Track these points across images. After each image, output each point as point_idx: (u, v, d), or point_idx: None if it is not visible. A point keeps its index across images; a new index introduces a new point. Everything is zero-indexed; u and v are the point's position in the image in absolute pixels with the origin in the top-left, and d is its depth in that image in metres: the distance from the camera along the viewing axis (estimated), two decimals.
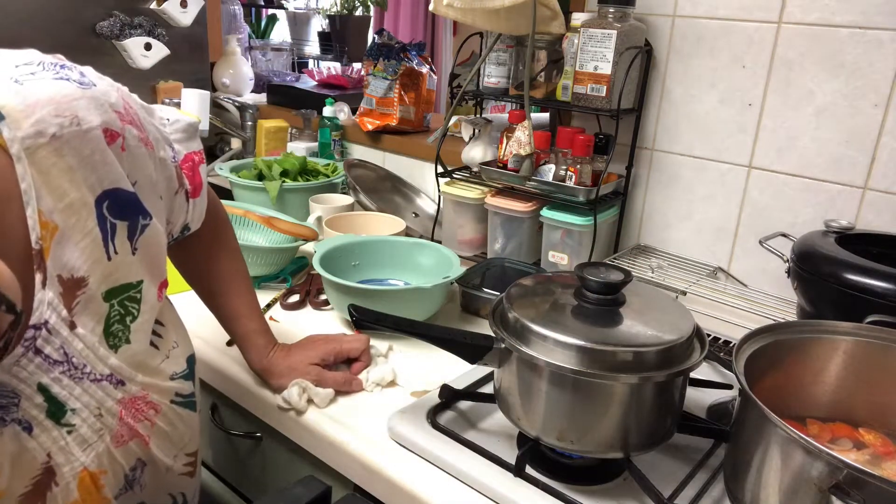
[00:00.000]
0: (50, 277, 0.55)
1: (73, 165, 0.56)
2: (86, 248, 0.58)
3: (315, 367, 0.89)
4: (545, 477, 0.73)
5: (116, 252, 0.61)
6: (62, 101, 0.55)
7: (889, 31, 1.00)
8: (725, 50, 1.15)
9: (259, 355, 0.90)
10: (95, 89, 0.59)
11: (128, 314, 0.63)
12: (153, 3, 1.76)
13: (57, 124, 0.54)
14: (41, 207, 0.54)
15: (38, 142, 0.53)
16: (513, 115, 1.25)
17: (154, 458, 0.69)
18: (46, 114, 0.54)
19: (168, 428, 0.69)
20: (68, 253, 0.56)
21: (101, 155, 0.58)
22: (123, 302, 0.62)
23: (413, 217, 1.57)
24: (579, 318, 0.72)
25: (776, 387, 0.71)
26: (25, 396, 0.56)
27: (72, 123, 0.55)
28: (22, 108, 0.53)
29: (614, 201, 1.26)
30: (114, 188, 0.59)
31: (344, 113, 1.84)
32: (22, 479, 0.56)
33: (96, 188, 0.58)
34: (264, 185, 1.45)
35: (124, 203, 0.61)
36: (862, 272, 0.80)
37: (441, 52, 3.80)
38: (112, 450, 0.63)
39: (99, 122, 0.58)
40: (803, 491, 0.56)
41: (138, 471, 0.67)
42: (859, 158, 1.06)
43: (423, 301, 1.06)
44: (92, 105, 0.58)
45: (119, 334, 0.62)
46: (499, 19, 1.14)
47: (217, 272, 0.88)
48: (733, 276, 1.22)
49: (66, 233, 0.56)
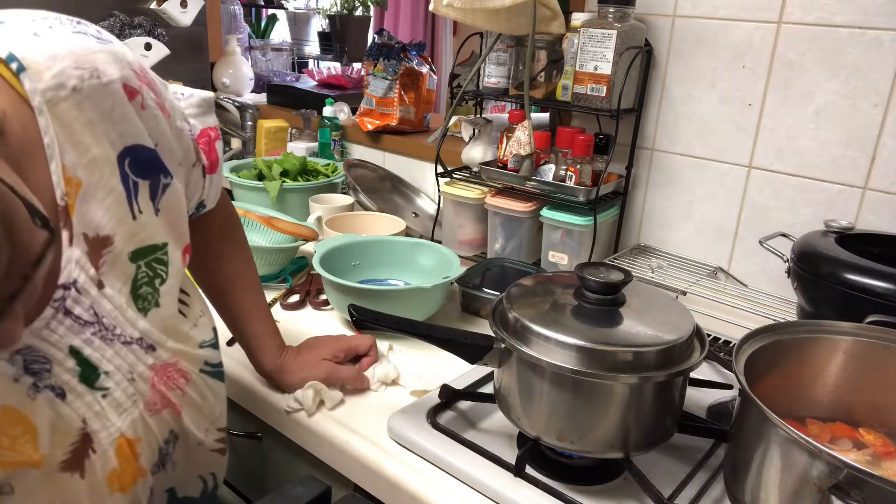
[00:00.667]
0: (76, 235, 0.54)
1: (93, 119, 0.54)
2: (110, 206, 0.56)
3: (327, 363, 0.89)
4: (545, 477, 0.73)
5: (141, 212, 0.59)
6: (81, 54, 0.54)
7: (889, 31, 1.00)
8: (725, 50, 1.15)
9: (271, 357, 0.89)
10: (113, 45, 0.58)
11: (156, 276, 0.62)
12: (153, 3, 1.76)
13: (77, 76, 0.53)
14: (65, 162, 0.53)
15: (59, 94, 0.52)
16: (513, 115, 1.25)
17: (186, 430, 0.68)
18: (66, 66, 0.53)
19: (199, 399, 0.68)
20: (93, 210, 0.55)
21: (121, 110, 0.57)
22: (151, 264, 0.61)
23: (413, 217, 1.57)
24: (579, 319, 0.72)
25: (776, 387, 0.71)
26: (57, 361, 0.54)
27: (92, 76, 0.54)
28: (43, 61, 0.52)
29: (614, 201, 1.26)
30: (135, 144, 0.58)
31: (344, 113, 1.84)
32: (61, 447, 0.55)
33: (118, 144, 0.57)
34: (264, 185, 1.45)
35: (146, 161, 0.60)
36: (862, 272, 0.80)
37: (441, 52, 3.80)
38: (146, 418, 0.62)
39: (118, 75, 0.57)
40: (803, 491, 0.56)
41: (171, 445, 0.66)
42: (859, 158, 1.06)
43: (423, 301, 1.06)
44: (111, 59, 0.57)
45: (148, 297, 0.61)
46: (499, 19, 1.14)
47: (229, 271, 0.87)
48: (733, 276, 1.22)
49: (90, 189, 0.55)
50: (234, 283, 0.88)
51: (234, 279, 0.88)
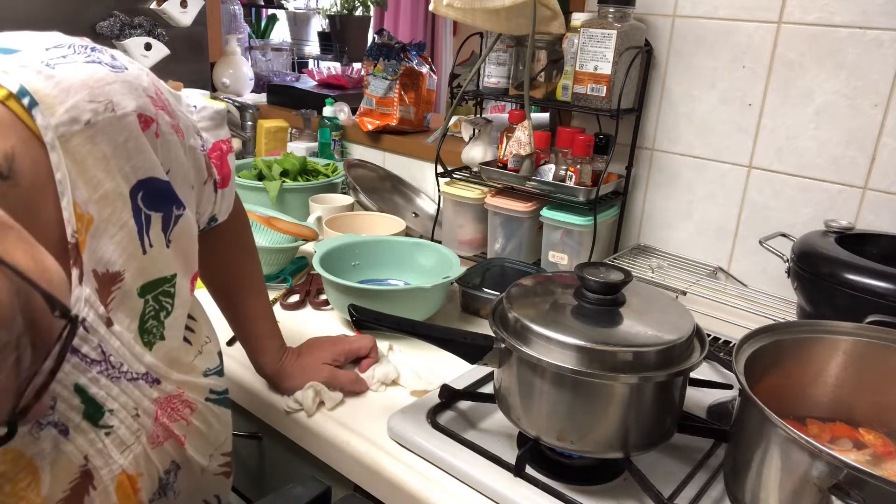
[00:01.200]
0: (86, 272, 0.53)
1: (107, 154, 0.53)
2: (121, 241, 0.55)
3: (327, 367, 0.89)
4: (545, 477, 0.73)
5: (151, 245, 0.58)
6: (96, 86, 0.53)
7: (889, 31, 1.00)
8: (725, 50, 1.15)
9: (273, 358, 0.89)
10: (128, 73, 0.56)
11: (162, 309, 0.61)
12: (153, 3, 1.76)
13: (91, 110, 0.52)
14: (76, 199, 0.51)
15: (72, 129, 0.51)
16: (513, 115, 1.24)
17: (189, 458, 0.67)
18: (80, 99, 0.51)
19: (204, 427, 0.68)
20: (103, 246, 0.54)
21: (135, 142, 0.55)
22: (158, 297, 0.60)
23: (413, 217, 1.57)
24: (579, 318, 0.72)
25: (776, 387, 0.71)
26: (62, 398, 0.53)
27: (106, 109, 0.53)
28: (56, 94, 0.50)
29: (614, 201, 1.26)
30: (148, 177, 0.57)
31: (344, 113, 1.83)
32: (60, 484, 0.54)
33: (131, 178, 0.56)
34: (264, 185, 1.45)
35: (159, 193, 0.59)
36: (862, 272, 0.80)
37: (441, 52, 3.80)
38: (148, 451, 0.61)
39: (133, 107, 0.55)
40: (803, 491, 0.56)
41: (172, 475, 0.66)
42: (859, 158, 1.06)
43: (423, 301, 1.06)
44: (126, 89, 0.55)
45: (153, 331, 0.60)
46: (499, 19, 1.14)
47: (237, 270, 0.87)
48: (733, 276, 1.22)
49: (101, 225, 0.54)
50: (240, 283, 0.87)
51: (239, 280, 0.87)
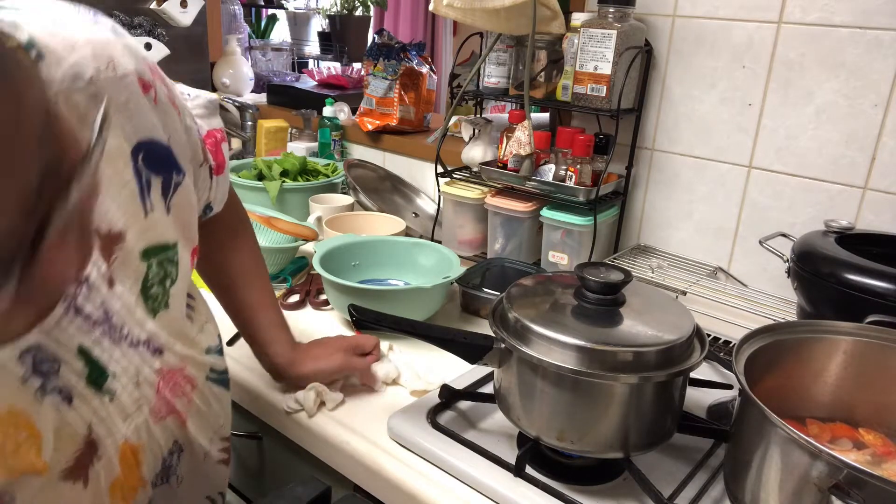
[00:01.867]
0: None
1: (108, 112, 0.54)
2: (123, 200, 0.55)
3: (341, 354, 0.89)
4: (545, 477, 0.73)
5: (153, 209, 0.58)
6: (98, 44, 0.53)
7: (889, 31, 1.00)
8: (725, 50, 1.15)
9: (283, 349, 0.88)
10: (128, 38, 0.58)
11: (167, 277, 0.60)
12: (153, 3, 1.76)
13: (94, 67, 0.52)
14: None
15: (74, 85, 0.51)
16: (513, 115, 1.25)
17: (191, 440, 0.67)
18: (84, 55, 0.52)
19: (204, 407, 0.68)
20: (106, 204, 0.54)
21: (135, 103, 0.56)
22: (162, 263, 0.60)
23: (413, 217, 1.57)
24: (579, 318, 0.72)
25: (776, 387, 0.71)
26: (65, 362, 0.53)
27: (108, 67, 0.54)
28: (61, 49, 0.51)
29: (614, 201, 1.26)
30: (149, 139, 0.57)
31: (344, 113, 1.84)
32: (64, 453, 0.53)
33: (132, 137, 0.56)
34: (264, 185, 1.45)
35: (159, 156, 0.59)
36: (862, 272, 0.80)
37: (441, 52, 3.80)
38: (150, 424, 0.61)
39: (134, 68, 0.56)
40: (803, 491, 0.56)
41: (175, 456, 0.65)
42: (859, 158, 1.06)
43: (423, 301, 1.06)
44: (127, 51, 0.56)
45: (158, 297, 0.60)
46: (499, 19, 1.14)
47: (238, 265, 0.87)
48: (733, 276, 1.22)
49: (105, 183, 0.54)
50: (243, 276, 0.87)
51: (242, 273, 0.87)
